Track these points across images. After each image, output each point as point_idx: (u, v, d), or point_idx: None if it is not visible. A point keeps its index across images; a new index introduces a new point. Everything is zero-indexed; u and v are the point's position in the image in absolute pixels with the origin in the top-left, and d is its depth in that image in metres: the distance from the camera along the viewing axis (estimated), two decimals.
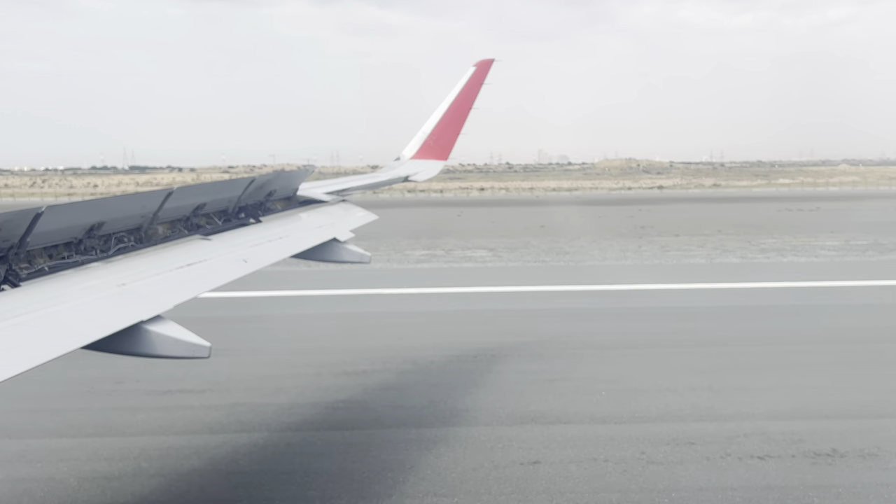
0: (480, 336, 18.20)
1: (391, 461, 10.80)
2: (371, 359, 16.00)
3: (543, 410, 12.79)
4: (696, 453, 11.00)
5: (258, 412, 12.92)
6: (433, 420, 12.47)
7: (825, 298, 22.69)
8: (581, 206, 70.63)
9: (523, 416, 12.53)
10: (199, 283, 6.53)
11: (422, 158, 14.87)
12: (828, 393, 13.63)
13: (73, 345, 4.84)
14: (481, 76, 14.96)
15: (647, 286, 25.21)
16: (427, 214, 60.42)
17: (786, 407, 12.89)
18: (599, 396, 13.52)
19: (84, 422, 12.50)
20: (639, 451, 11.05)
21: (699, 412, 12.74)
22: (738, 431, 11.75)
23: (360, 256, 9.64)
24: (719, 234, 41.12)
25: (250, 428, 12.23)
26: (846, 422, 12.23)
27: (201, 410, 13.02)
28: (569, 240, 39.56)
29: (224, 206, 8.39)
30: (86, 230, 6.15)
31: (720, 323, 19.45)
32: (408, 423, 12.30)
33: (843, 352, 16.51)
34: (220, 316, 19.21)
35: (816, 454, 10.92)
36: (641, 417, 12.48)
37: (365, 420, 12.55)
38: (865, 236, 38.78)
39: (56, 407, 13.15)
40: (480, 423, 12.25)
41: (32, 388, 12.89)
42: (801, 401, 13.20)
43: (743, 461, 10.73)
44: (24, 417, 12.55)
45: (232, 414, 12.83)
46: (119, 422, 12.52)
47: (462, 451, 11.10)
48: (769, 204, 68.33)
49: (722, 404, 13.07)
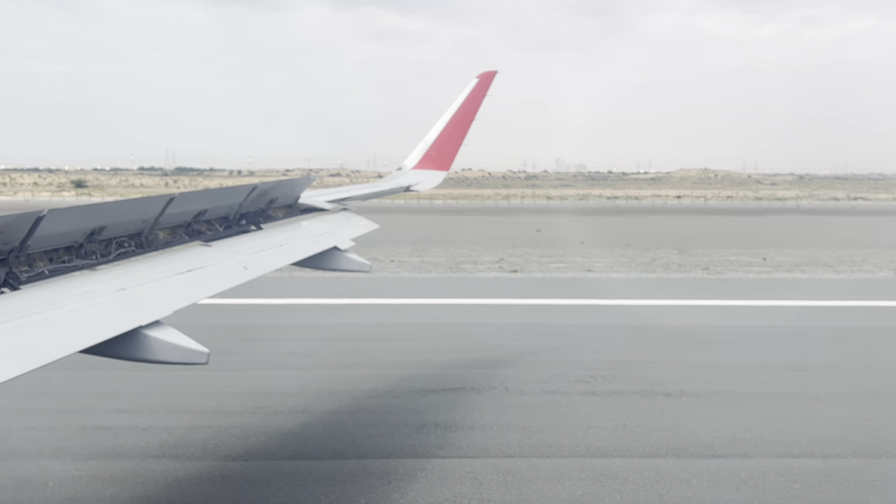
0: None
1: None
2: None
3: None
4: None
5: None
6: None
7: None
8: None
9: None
10: (199, 290, 6.53)
11: (424, 169, 14.90)
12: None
13: (72, 349, 4.83)
14: (484, 88, 15.02)
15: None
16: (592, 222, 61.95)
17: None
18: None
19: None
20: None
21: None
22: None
23: (361, 265, 9.63)
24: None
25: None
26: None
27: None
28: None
29: (225, 212, 8.40)
30: (87, 234, 6.15)
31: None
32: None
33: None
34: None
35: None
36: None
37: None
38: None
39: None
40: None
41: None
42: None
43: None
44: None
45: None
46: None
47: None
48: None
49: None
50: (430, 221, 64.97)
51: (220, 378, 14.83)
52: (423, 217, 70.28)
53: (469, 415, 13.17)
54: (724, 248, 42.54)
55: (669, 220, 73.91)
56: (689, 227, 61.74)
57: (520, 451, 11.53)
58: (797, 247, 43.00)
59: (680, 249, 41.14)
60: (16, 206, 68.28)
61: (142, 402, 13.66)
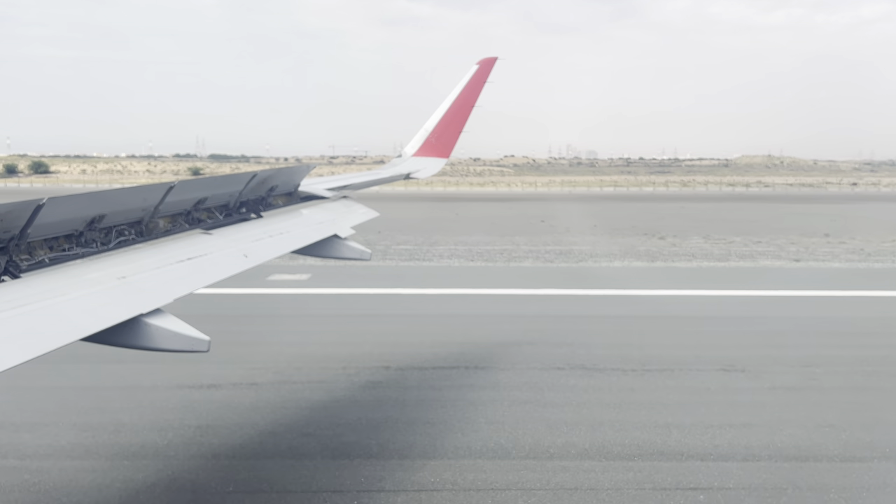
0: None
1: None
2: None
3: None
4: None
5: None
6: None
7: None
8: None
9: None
10: (200, 277, 6.52)
11: (423, 156, 14.84)
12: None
13: (73, 336, 4.83)
14: (484, 75, 14.93)
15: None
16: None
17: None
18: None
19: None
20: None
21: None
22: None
23: (361, 253, 9.62)
24: None
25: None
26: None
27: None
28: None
29: (225, 200, 8.38)
30: (87, 222, 6.14)
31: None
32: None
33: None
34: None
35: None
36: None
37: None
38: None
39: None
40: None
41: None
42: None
43: None
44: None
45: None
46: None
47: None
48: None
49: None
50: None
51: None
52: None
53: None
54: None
55: (867, 206, 73.82)
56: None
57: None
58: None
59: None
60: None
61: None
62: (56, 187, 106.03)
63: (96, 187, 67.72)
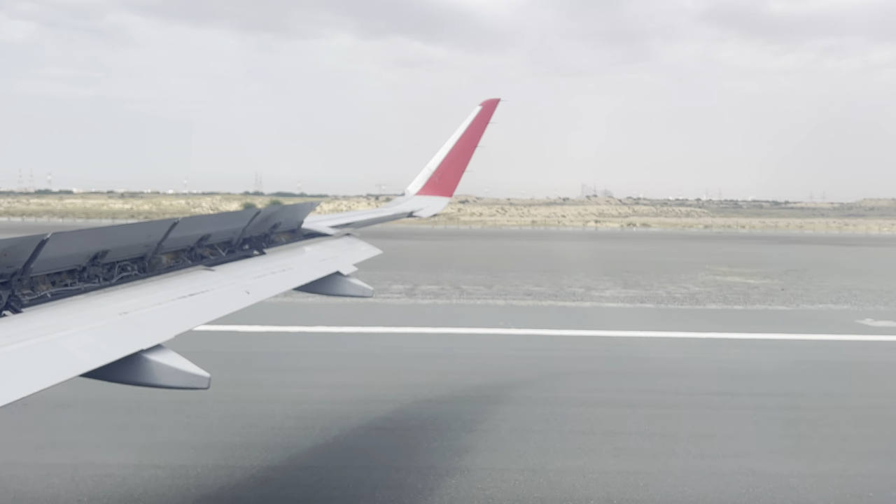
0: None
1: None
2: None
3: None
4: None
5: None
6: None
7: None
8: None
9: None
10: (201, 314, 6.50)
11: (427, 194, 14.95)
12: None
13: (72, 372, 4.80)
14: (487, 115, 15.11)
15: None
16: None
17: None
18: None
19: None
20: None
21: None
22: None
23: (363, 290, 9.62)
24: None
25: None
26: None
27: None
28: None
29: (228, 237, 8.41)
30: (90, 258, 6.15)
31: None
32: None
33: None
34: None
35: None
36: None
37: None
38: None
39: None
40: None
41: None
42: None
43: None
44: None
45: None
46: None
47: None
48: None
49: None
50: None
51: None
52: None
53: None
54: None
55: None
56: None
57: None
58: None
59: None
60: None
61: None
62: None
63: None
